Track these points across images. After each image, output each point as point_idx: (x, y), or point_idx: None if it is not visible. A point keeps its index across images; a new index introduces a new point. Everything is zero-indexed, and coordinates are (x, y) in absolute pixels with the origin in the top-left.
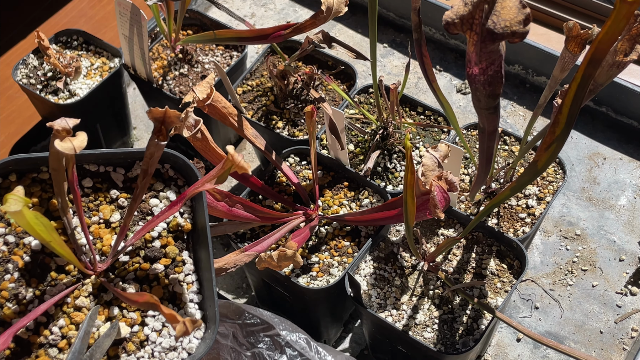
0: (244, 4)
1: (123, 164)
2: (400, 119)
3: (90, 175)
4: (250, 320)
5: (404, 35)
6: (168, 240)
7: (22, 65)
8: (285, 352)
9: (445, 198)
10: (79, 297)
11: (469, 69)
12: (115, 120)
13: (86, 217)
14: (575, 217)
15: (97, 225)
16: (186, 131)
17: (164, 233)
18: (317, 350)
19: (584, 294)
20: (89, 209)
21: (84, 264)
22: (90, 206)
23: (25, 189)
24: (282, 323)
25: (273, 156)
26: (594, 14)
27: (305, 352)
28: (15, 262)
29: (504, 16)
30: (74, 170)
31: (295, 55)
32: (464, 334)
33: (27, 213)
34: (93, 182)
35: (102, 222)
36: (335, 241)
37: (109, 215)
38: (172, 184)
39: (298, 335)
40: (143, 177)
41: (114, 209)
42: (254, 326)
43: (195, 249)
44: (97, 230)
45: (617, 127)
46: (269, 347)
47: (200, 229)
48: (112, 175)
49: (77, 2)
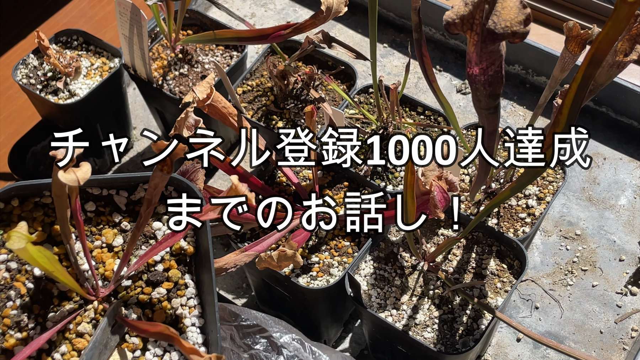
0: (244, 4)
1: (126, 187)
2: (400, 119)
3: (93, 199)
4: (246, 322)
5: (404, 35)
6: (171, 264)
7: (22, 65)
8: (282, 352)
9: (445, 198)
10: (81, 323)
11: (470, 69)
12: (115, 120)
13: (88, 241)
14: (575, 217)
15: (100, 250)
16: (186, 131)
17: (167, 256)
18: (311, 351)
19: (584, 294)
20: (92, 233)
21: (86, 290)
22: (93, 230)
23: (28, 213)
24: (276, 325)
25: (273, 156)
26: (594, 14)
27: (299, 353)
28: (17, 288)
29: (504, 16)
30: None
31: (295, 55)
32: (464, 334)
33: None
34: (96, 206)
35: (105, 246)
36: (335, 241)
37: (111, 239)
38: None
39: (292, 336)
40: (147, 207)
41: (116, 233)
42: (249, 328)
43: (198, 272)
44: (99, 255)
45: (617, 127)
46: (265, 348)
47: (204, 252)
48: (115, 198)
49: (77, 2)
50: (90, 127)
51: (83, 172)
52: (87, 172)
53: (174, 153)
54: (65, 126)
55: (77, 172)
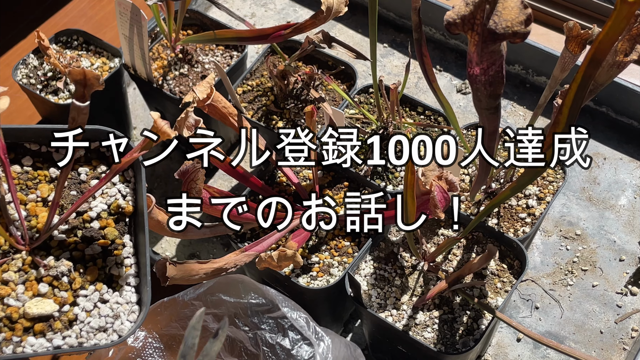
0: (244, 4)
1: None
2: (400, 119)
3: (30, 154)
4: (256, 300)
5: (404, 35)
6: (108, 222)
7: (22, 65)
8: (287, 335)
9: (445, 198)
10: (7, 271)
11: (470, 69)
12: (115, 120)
13: (23, 194)
14: (576, 217)
15: (34, 203)
16: (186, 131)
17: (104, 214)
18: (315, 330)
19: (584, 294)
20: (27, 187)
21: (14, 239)
22: (29, 184)
23: None
24: (285, 301)
25: (273, 156)
26: (594, 14)
27: (303, 330)
28: None
29: (505, 16)
30: (1, 139)
31: (295, 55)
32: (464, 334)
33: None
34: (33, 161)
35: (40, 200)
36: (336, 241)
37: (47, 193)
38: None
39: (299, 314)
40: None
41: (52, 188)
42: (259, 307)
43: (136, 232)
44: (33, 208)
45: (617, 127)
46: (272, 328)
47: (140, 212)
48: (54, 155)
49: (77, 2)
50: None
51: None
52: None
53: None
54: None
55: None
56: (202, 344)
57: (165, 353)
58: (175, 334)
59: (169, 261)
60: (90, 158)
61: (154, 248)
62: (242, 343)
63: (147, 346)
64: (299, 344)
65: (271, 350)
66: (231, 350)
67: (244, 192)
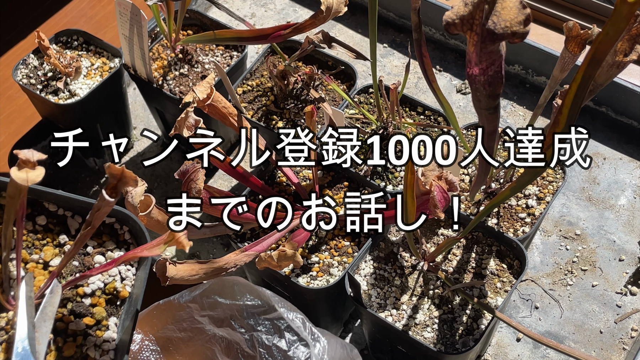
0: (244, 4)
1: (82, 212)
2: (400, 119)
3: (46, 214)
4: (252, 302)
5: (404, 35)
6: (99, 301)
7: (22, 65)
8: (284, 336)
9: (445, 198)
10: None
11: (469, 70)
12: (115, 120)
13: (27, 252)
14: (575, 217)
15: (35, 264)
16: (186, 131)
17: (99, 293)
18: (311, 331)
19: (584, 293)
20: (34, 246)
21: (5, 297)
22: (36, 244)
23: None
24: (281, 302)
25: (273, 156)
26: (594, 14)
27: (299, 330)
28: None
29: (504, 16)
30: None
31: (295, 55)
32: (464, 333)
33: None
34: (47, 221)
35: (41, 262)
36: (335, 241)
37: (50, 257)
38: (124, 247)
39: (295, 314)
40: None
41: (57, 253)
42: (255, 308)
43: (125, 318)
44: (32, 268)
45: (617, 127)
46: (268, 330)
47: (134, 298)
48: (68, 220)
49: (77, 2)
50: (90, 127)
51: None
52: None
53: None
54: (66, 126)
55: (29, 172)
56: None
57: (161, 355)
58: (171, 336)
59: (169, 261)
60: (101, 232)
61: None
62: (239, 345)
63: (144, 349)
64: (296, 345)
65: (268, 352)
66: (228, 352)
67: (244, 192)
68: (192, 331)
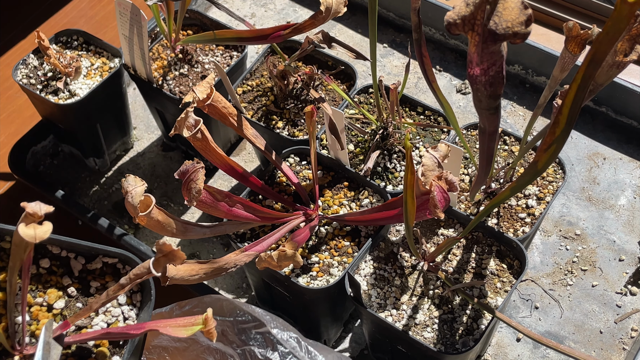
0: (244, 4)
1: (85, 254)
2: (400, 119)
3: (50, 257)
4: (242, 318)
5: (404, 35)
6: (102, 342)
7: (22, 65)
8: (277, 349)
9: (445, 198)
10: None
11: (471, 70)
12: (115, 120)
13: (31, 295)
14: (575, 217)
15: (39, 307)
16: (186, 131)
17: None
18: (307, 350)
19: (584, 293)
20: (37, 288)
21: (10, 343)
22: (39, 286)
23: None
24: (273, 321)
25: (273, 156)
26: (594, 14)
27: (295, 351)
28: None
29: (505, 17)
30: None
31: (295, 56)
32: (463, 333)
33: None
34: (50, 264)
35: (45, 305)
36: (335, 241)
37: (54, 300)
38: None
39: (289, 334)
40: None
41: (61, 295)
42: (245, 323)
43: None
44: (36, 311)
45: (617, 127)
46: (260, 344)
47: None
48: (72, 262)
49: (77, 2)
50: (90, 127)
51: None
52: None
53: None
54: (65, 126)
55: (37, 229)
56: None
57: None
58: (167, 346)
59: None
60: (104, 272)
61: (154, 248)
62: (233, 358)
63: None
64: (289, 357)
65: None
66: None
67: (244, 192)
68: (187, 342)
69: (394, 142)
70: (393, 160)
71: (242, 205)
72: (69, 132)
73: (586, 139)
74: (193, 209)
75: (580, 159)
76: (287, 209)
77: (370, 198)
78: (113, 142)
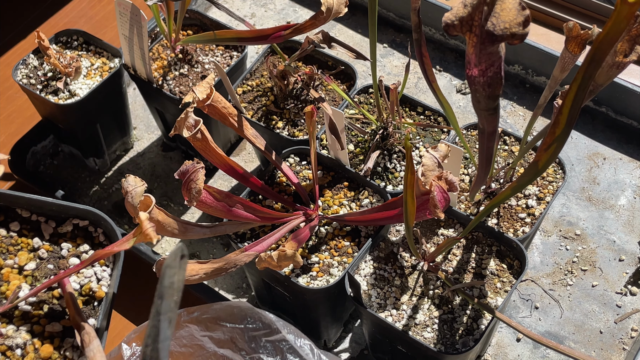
0: (244, 4)
1: (55, 217)
2: (400, 119)
3: (20, 220)
4: (253, 325)
5: (404, 35)
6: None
7: (22, 65)
8: (286, 358)
9: (445, 198)
10: None
11: (469, 71)
12: (115, 120)
13: (1, 257)
14: (575, 217)
15: (10, 269)
16: (186, 131)
17: (75, 294)
18: (320, 358)
19: (584, 294)
20: (8, 251)
21: None
22: (10, 249)
23: None
24: (286, 327)
25: (273, 156)
26: (594, 14)
27: (308, 358)
28: None
29: (503, 18)
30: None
31: (295, 56)
32: (464, 334)
33: None
34: (20, 227)
35: (16, 267)
36: (335, 241)
37: (24, 262)
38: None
39: (302, 341)
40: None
41: (31, 257)
42: (256, 330)
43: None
44: (7, 273)
45: (617, 127)
46: (270, 352)
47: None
48: (42, 226)
49: (77, 2)
50: (90, 127)
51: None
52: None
53: None
54: (66, 126)
55: None
56: None
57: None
58: (172, 350)
59: None
60: (76, 235)
61: (153, 248)
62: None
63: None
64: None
65: None
66: None
67: (244, 192)
68: (193, 347)
69: (394, 142)
70: (393, 160)
71: (242, 205)
72: (69, 132)
73: (586, 139)
74: (193, 209)
75: (580, 159)
76: (287, 209)
77: (370, 198)
78: (113, 142)
